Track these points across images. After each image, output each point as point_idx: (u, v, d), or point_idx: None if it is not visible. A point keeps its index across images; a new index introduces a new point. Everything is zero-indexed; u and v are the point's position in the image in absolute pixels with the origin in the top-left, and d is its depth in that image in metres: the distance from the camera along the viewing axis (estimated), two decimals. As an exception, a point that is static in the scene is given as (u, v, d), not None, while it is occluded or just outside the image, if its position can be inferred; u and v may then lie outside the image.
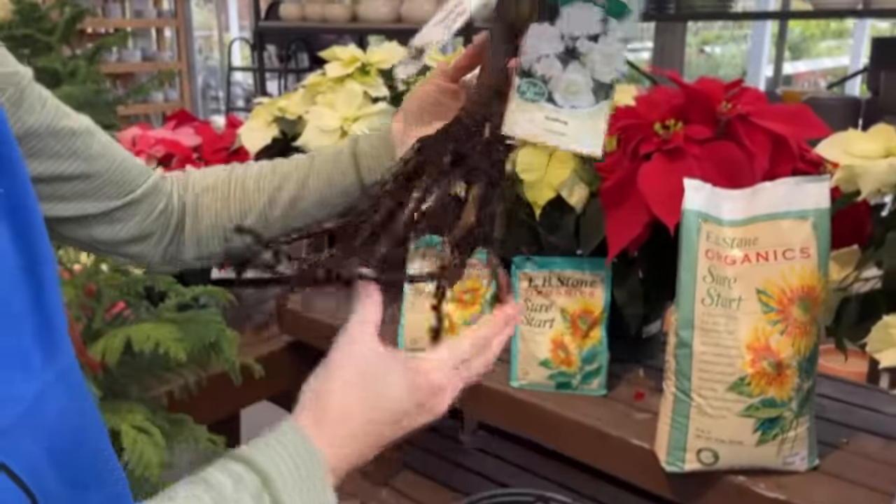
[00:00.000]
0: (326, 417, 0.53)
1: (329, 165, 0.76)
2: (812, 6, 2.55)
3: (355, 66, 1.56)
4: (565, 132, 0.61)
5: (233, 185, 0.79)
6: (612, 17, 0.57)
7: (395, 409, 0.54)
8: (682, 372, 1.01)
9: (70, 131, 0.69)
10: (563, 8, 0.57)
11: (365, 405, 0.54)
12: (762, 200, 1.00)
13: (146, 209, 0.76)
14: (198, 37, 7.45)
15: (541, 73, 0.60)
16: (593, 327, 1.26)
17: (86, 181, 0.71)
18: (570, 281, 1.28)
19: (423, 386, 0.55)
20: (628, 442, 1.12)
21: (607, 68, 0.59)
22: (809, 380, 1.01)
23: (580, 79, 0.59)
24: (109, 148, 0.73)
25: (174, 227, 0.79)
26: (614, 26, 0.58)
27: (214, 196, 0.79)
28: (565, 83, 0.60)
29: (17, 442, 0.49)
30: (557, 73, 0.60)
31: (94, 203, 0.72)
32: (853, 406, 1.23)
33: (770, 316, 0.98)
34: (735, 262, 0.99)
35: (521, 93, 0.60)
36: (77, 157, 0.70)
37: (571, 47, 0.59)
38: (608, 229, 1.13)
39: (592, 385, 1.27)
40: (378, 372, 0.54)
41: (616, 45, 0.58)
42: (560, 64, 0.59)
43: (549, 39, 0.58)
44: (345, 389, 0.54)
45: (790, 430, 1.00)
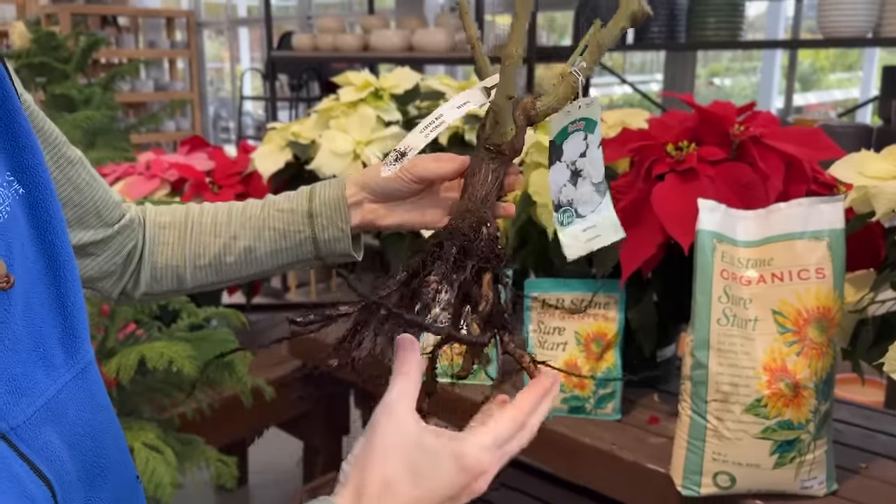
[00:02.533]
0: (368, 494, 0.52)
1: (285, 219, 0.77)
2: (822, 36, 2.57)
3: (368, 90, 1.58)
4: (599, 233, 0.73)
5: (190, 225, 0.80)
6: (589, 132, 0.70)
7: (441, 492, 0.53)
8: (698, 394, 1.00)
9: (67, 160, 0.71)
10: (563, 145, 0.70)
11: (412, 486, 0.52)
12: (777, 221, 1.00)
13: (117, 246, 0.78)
14: (209, 68, 7.55)
15: (566, 200, 0.72)
16: (607, 350, 1.25)
17: (71, 210, 0.73)
18: (583, 303, 1.27)
19: (471, 469, 0.53)
20: (643, 466, 1.10)
21: (598, 170, 0.72)
22: (827, 402, 0.99)
23: (587, 188, 0.72)
24: (96, 179, 0.75)
25: (135, 265, 0.80)
26: (591, 138, 0.70)
27: (171, 234, 0.80)
28: (582, 198, 0.72)
29: (36, 432, 0.51)
30: (574, 194, 0.72)
31: (74, 233, 0.74)
32: (872, 431, 1.21)
33: (786, 337, 0.97)
34: (750, 282, 0.99)
35: (562, 224, 0.72)
36: (70, 184, 0.72)
37: (574, 170, 0.71)
38: (622, 250, 1.12)
39: (607, 409, 1.26)
40: (426, 455, 0.53)
41: (596, 151, 0.71)
42: (573, 186, 0.71)
43: (560, 172, 0.70)
44: (390, 467, 0.52)
45: (808, 454, 0.98)
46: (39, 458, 0.51)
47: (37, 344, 0.53)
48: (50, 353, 0.54)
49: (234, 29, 7.17)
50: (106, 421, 0.60)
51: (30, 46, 2.56)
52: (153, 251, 0.80)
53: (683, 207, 1.03)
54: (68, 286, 0.56)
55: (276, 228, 0.77)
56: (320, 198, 0.77)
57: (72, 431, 0.55)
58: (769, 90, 4.61)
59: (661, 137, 1.12)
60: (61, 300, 0.56)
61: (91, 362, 0.59)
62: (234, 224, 0.79)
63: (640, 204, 1.09)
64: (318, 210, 0.77)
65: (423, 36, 3.46)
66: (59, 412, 0.54)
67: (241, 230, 0.78)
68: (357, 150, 1.50)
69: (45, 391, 0.53)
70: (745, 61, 6.82)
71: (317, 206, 0.77)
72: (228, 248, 0.78)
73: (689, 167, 1.07)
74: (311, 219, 0.77)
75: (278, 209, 0.78)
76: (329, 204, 0.77)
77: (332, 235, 0.77)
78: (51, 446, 0.52)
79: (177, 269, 0.80)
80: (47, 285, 0.55)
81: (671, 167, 1.08)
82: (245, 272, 0.80)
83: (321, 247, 0.77)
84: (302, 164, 1.60)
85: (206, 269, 0.80)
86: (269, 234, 0.78)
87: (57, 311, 0.56)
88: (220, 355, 1.05)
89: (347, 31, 3.98)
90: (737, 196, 1.04)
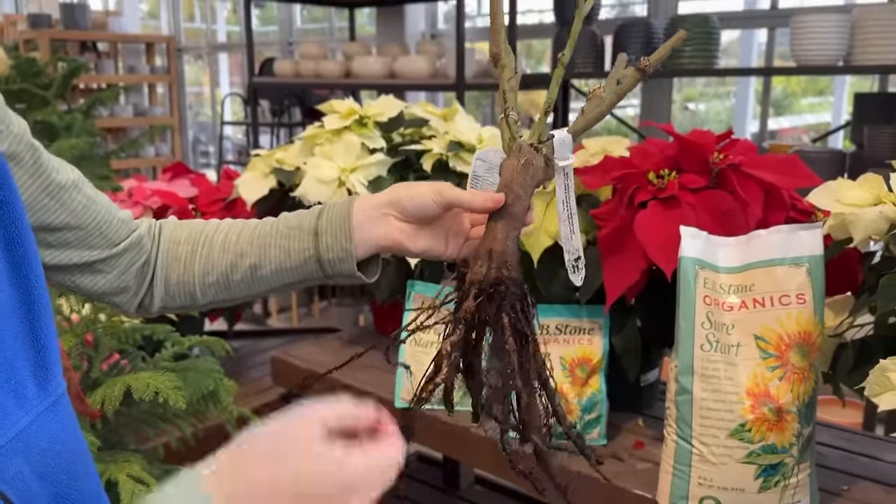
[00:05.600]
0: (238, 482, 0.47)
1: (291, 236, 0.77)
2: (795, 64, 2.63)
3: (353, 118, 1.59)
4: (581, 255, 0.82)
5: (202, 241, 0.80)
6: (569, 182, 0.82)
7: None
8: (683, 419, 1.02)
9: (58, 185, 0.71)
10: None
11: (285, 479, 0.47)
12: (757, 247, 1.01)
13: (126, 263, 0.78)
14: (189, 92, 7.54)
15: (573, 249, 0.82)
16: (592, 375, 1.26)
17: (71, 232, 0.73)
18: (567, 329, 1.28)
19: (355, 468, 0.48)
20: (630, 492, 1.11)
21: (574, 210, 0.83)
22: (809, 426, 1.01)
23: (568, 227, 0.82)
24: (95, 201, 0.75)
25: (149, 281, 0.80)
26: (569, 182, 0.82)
27: (183, 250, 0.80)
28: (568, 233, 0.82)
29: (7, 463, 0.51)
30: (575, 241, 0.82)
31: (78, 252, 0.74)
32: (853, 454, 1.23)
33: (769, 362, 0.99)
34: (732, 308, 1.00)
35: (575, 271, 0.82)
36: (63, 209, 0.72)
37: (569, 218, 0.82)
38: (606, 276, 1.14)
39: (593, 435, 1.26)
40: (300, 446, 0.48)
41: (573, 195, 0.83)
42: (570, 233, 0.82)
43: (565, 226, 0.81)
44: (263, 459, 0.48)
45: (792, 477, 1.00)
46: (10, 489, 0.51)
47: (8, 376, 0.53)
48: (22, 386, 0.54)
49: (214, 54, 7.18)
50: (77, 452, 0.59)
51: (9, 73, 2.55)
52: (165, 267, 0.80)
53: (666, 234, 1.05)
54: (41, 319, 0.57)
55: (282, 246, 0.77)
56: (327, 216, 0.77)
57: (42, 463, 0.55)
58: (744, 115, 4.69)
59: (642, 165, 1.14)
60: (34, 333, 0.56)
61: (63, 395, 0.59)
62: (242, 241, 0.78)
63: (624, 231, 1.11)
64: (323, 228, 0.76)
65: (404, 63, 3.49)
66: (31, 443, 0.54)
67: (249, 247, 0.78)
68: (342, 178, 1.51)
69: (17, 423, 0.53)
70: (719, 86, 6.93)
71: (323, 223, 0.76)
72: (235, 265, 0.78)
73: (670, 195, 1.09)
74: (316, 237, 0.76)
75: (287, 226, 0.78)
76: (334, 222, 0.76)
77: (336, 255, 0.76)
78: (21, 476, 0.52)
79: (187, 286, 0.80)
80: (20, 318, 0.56)
81: (653, 195, 1.10)
82: (253, 290, 0.79)
83: (326, 267, 0.76)
84: (286, 190, 1.60)
85: (215, 287, 0.79)
86: (274, 253, 0.77)
87: (30, 344, 0.56)
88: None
89: (329, 57, 4.01)
90: (717, 223, 1.06)
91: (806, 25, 2.51)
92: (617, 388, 1.29)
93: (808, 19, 2.51)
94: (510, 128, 0.76)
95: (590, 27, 3.13)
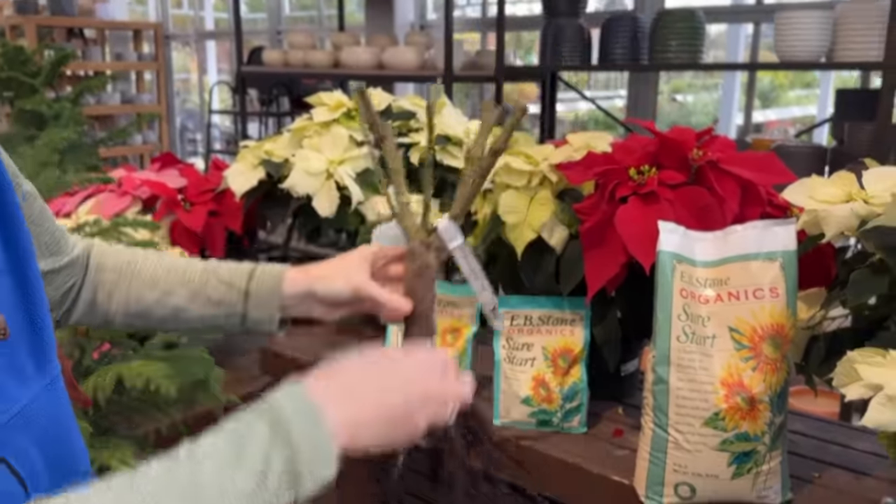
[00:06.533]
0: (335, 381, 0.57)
1: (222, 291, 0.83)
2: (779, 59, 2.66)
3: (341, 111, 1.61)
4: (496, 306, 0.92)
5: (130, 272, 0.84)
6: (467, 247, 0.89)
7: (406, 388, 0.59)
8: (660, 407, 1.05)
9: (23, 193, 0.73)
10: None
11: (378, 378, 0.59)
12: (733, 242, 1.05)
13: (61, 281, 0.81)
14: (176, 79, 7.51)
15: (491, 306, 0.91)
16: (573, 365, 1.29)
17: None
18: (550, 320, 1.31)
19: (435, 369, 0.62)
20: (609, 478, 1.15)
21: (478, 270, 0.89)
22: (781, 415, 1.05)
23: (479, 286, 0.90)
24: (44, 213, 0.78)
25: (71, 301, 0.84)
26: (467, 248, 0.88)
27: (109, 277, 0.84)
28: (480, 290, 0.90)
29: (12, 438, 0.57)
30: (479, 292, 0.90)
31: None
32: (826, 442, 1.27)
33: (742, 353, 1.02)
34: (708, 301, 1.03)
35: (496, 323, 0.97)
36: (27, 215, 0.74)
37: None
38: (587, 269, 1.17)
39: (573, 423, 1.30)
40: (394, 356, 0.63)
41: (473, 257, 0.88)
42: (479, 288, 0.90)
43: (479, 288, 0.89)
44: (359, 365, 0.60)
45: (764, 464, 1.03)
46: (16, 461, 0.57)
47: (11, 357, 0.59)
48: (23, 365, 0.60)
49: (202, 41, 7.15)
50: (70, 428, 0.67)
51: (-3, 62, 2.54)
52: (91, 291, 0.84)
53: (645, 229, 1.08)
54: (38, 309, 0.63)
55: (211, 297, 0.83)
56: (259, 280, 0.83)
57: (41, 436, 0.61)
58: (730, 107, 4.73)
59: (623, 161, 1.17)
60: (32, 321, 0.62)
61: (58, 376, 0.65)
62: (171, 281, 0.83)
63: (605, 225, 1.14)
64: (254, 291, 0.83)
65: (393, 54, 3.50)
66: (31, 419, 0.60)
67: (178, 288, 0.83)
68: (330, 170, 1.53)
69: (20, 399, 0.59)
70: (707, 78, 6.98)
71: (254, 287, 0.83)
72: (161, 302, 0.83)
73: (650, 190, 1.12)
74: (247, 298, 0.83)
75: (219, 279, 0.83)
76: (265, 291, 0.83)
77: (261, 317, 0.83)
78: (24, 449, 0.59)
79: (107, 313, 0.84)
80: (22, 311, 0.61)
81: (633, 190, 1.13)
82: (171, 326, 0.86)
83: (248, 323, 0.84)
84: (275, 182, 1.62)
85: (136, 317, 0.84)
86: (203, 300, 0.83)
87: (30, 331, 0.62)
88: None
89: (318, 46, 4.01)
90: (695, 218, 1.09)
91: (790, 21, 2.54)
92: (598, 377, 1.32)
93: (792, 15, 2.55)
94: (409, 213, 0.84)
95: (577, 20, 3.15)
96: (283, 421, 0.50)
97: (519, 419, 1.31)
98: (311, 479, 0.49)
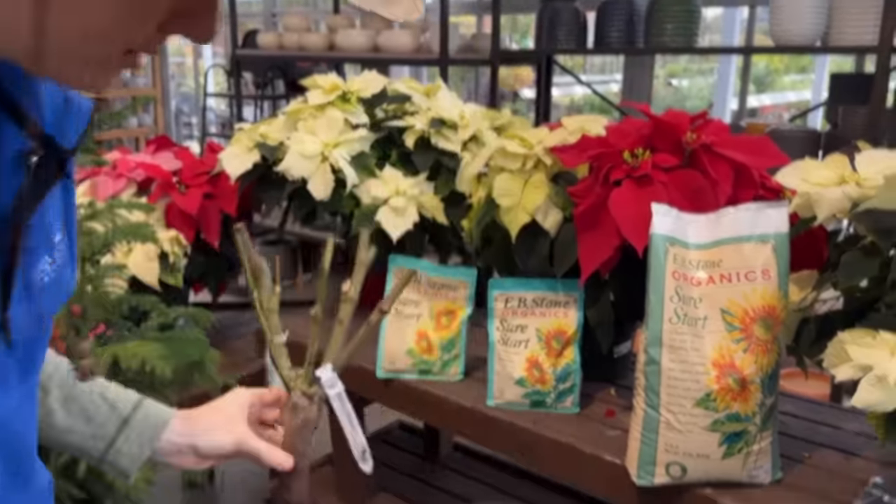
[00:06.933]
0: None
1: (100, 406, 0.78)
2: (774, 43, 2.66)
3: (336, 94, 1.61)
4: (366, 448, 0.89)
5: None
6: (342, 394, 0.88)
7: None
8: (652, 388, 1.06)
9: None
10: None
11: None
12: (726, 225, 1.05)
13: None
14: (171, 62, 7.46)
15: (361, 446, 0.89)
16: (567, 346, 1.30)
17: None
18: (544, 302, 1.32)
19: None
20: (601, 458, 1.16)
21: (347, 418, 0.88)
22: (772, 396, 1.06)
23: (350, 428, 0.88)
24: None
25: None
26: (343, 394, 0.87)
27: None
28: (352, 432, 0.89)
29: None
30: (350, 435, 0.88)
31: None
32: (816, 423, 1.28)
33: (734, 334, 1.03)
34: (700, 283, 1.04)
35: None
36: None
37: None
38: (581, 252, 1.17)
39: (566, 403, 1.31)
40: None
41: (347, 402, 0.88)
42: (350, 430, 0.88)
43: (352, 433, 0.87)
44: None
45: (754, 444, 1.04)
46: None
47: None
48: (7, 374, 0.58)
49: (197, 24, 7.08)
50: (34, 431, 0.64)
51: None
52: None
53: (638, 212, 1.09)
54: None
55: (86, 410, 0.78)
56: (144, 413, 0.80)
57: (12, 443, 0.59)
58: (725, 91, 4.73)
59: (618, 144, 1.18)
60: None
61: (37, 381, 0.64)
62: (53, 376, 0.78)
63: (598, 208, 1.14)
64: (135, 422, 0.79)
65: (388, 37, 3.48)
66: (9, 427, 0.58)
67: (55, 388, 0.77)
68: (325, 153, 1.53)
69: None
70: (702, 62, 6.96)
71: (138, 418, 0.79)
72: (44, 388, 0.77)
73: (644, 173, 1.12)
74: (124, 425, 0.79)
75: (102, 395, 0.79)
76: (149, 425, 0.79)
77: (129, 451, 0.79)
78: None
79: None
80: None
81: (627, 173, 1.13)
82: None
83: (108, 455, 0.79)
84: (270, 165, 1.62)
85: None
86: (76, 410, 0.78)
87: None
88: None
89: (313, 29, 3.99)
90: (688, 201, 1.10)
91: (785, 5, 2.54)
92: (591, 359, 1.33)
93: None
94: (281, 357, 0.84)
95: (573, 3, 3.14)
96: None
97: (512, 400, 1.32)
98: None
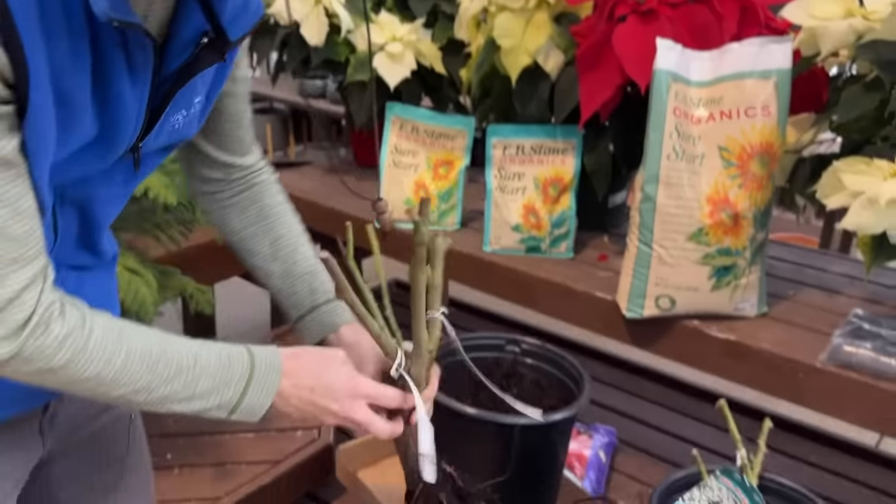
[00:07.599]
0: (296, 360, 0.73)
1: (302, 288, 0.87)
2: None
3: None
4: None
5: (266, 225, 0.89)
6: None
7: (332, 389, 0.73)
8: (646, 225, 1.08)
9: None
10: None
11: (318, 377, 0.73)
12: (729, 61, 1.04)
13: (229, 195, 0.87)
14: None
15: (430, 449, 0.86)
16: (563, 193, 1.32)
17: None
18: (542, 149, 1.32)
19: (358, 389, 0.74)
20: (592, 295, 1.19)
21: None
22: (763, 231, 1.08)
23: None
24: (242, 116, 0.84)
25: None
26: None
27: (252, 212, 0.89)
28: None
29: None
30: None
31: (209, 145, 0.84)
32: (803, 266, 1.32)
33: (730, 171, 1.04)
34: (700, 120, 1.04)
35: None
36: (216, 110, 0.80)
37: None
38: (582, 92, 1.17)
39: (560, 248, 1.34)
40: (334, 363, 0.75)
41: None
42: None
43: None
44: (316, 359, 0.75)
45: (742, 278, 1.08)
46: None
47: None
48: None
49: None
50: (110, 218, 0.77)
51: None
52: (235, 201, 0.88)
53: (643, 48, 1.07)
54: None
55: (293, 286, 0.88)
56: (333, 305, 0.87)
57: None
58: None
59: (623, -20, 1.14)
60: None
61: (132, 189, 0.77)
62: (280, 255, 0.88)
63: (601, 46, 1.13)
64: (323, 310, 0.87)
65: None
66: None
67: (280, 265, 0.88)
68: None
69: None
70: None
71: (327, 308, 0.87)
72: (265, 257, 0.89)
73: (649, 8, 1.10)
74: (312, 310, 0.88)
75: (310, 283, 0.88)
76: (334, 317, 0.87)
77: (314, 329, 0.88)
78: None
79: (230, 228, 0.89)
80: None
81: (633, 8, 1.11)
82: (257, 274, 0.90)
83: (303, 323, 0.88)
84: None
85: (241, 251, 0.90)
86: (288, 283, 0.88)
87: None
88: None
89: None
90: (693, 37, 1.08)
91: None
92: (586, 208, 1.35)
93: None
94: None
95: None
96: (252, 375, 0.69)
97: (509, 246, 1.34)
98: (239, 416, 0.70)
